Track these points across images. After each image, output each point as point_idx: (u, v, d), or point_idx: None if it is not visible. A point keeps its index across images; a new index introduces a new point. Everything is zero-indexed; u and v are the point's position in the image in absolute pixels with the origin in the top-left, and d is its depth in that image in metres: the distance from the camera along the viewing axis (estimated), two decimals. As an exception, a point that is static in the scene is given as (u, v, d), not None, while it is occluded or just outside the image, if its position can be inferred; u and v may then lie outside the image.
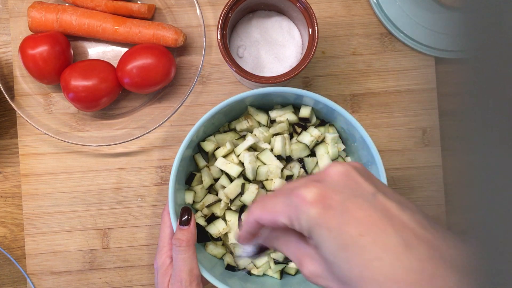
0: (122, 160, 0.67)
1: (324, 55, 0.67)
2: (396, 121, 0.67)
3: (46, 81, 0.64)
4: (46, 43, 0.61)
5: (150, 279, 0.67)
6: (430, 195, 0.67)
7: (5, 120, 0.68)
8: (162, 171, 0.67)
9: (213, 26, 0.67)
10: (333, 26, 0.67)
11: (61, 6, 0.64)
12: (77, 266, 0.66)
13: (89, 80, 0.62)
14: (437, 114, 0.67)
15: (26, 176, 0.66)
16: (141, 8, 0.65)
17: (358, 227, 0.34)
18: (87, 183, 0.67)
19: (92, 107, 0.63)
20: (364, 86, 0.67)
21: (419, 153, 0.67)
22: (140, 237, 0.67)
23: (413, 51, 0.67)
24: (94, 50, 0.67)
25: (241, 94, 0.55)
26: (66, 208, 0.67)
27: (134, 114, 0.66)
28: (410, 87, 0.67)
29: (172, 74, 0.64)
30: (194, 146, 0.58)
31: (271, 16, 0.62)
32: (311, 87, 0.67)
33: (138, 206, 0.67)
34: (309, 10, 0.57)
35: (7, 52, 0.67)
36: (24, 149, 0.67)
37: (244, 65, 0.61)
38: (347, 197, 0.35)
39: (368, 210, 0.34)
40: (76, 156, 0.67)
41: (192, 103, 0.67)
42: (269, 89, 0.55)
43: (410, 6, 0.66)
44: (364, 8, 0.67)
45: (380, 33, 0.67)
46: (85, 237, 0.67)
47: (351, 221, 0.34)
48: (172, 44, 0.64)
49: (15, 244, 0.67)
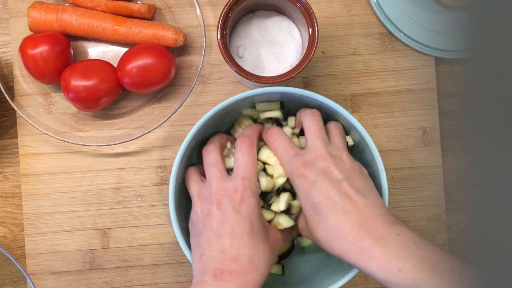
0: (122, 160, 0.67)
1: (324, 55, 0.67)
2: (396, 121, 0.67)
3: (46, 81, 0.64)
4: (46, 43, 0.61)
5: (150, 279, 0.67)
6: (430, 195, 0.67)
7: (5, 120, 0.68)
8: (162, 171, 0.67)
9: (213, 26, 0.67)
10: (333, 26, 0.67)
11: (61, 6, 0.64)
12: (77, 266, 0.66)
13: (89, 80, 0.62)
14: (437, 114, 0.67)
15: (26, 176, 0.66)
16: (141, 8, 0.65)
17: (319, 197, 0.50)
18: (87, 183, 0.67)
19: (92, 107, 0.63)
20: (364, 86, 0.67)
21: (419, 153, 0.67)
22: (140, 237, 0.67)
23: (413, 51, 0.67)
24: (94, 50, 0.67)
25: (241, 94, 0.55)
26: (66, 208, 0.67)
27: (134, 114, 0.66)
28: (410, 87, 0.67)
29: (172, 74, 0.64)
30: (194, 146, 0.58)
31: (271, 16, 0.62)
32: (311, 87, 0.67)
33: (138, 206, 0.67)
34: (309, 10, 0.57)
35: (7, 52, 0.67)
36: (24, 149, 0.67)
37: (244, 65, 0.61)
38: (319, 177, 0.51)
39: (330, 188, 0.50)
40: (76, 156, 0.67)
41: (192, 103, 0.67)
42: (269, 89, 0.55)
43: (410, 6, 0.66)
44: (364, 8, 0.67)
45: (380, 33, 0.67)
46: (85, 237, 0.67)
47: (316, 192, 0.50)
48: (172, 44, 0.64)
49: (15, 244, 0.67)
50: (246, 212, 0.51)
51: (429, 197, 0.67)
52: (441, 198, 0.67)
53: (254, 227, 0.50)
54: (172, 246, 0.67)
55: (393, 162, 0.67)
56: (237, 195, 0.51)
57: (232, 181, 0.52)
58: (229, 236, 0.50)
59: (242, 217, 0.50)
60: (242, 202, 0.51)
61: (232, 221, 0.50)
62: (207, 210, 0.51)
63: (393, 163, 0.67)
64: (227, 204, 0.51)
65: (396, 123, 0.67)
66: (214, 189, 0.52)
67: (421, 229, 0.67)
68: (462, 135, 0.26)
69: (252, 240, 0.50)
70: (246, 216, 0.50)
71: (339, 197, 0.50)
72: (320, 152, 0.52)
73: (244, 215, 0.50)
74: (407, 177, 0.67)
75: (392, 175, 0.67)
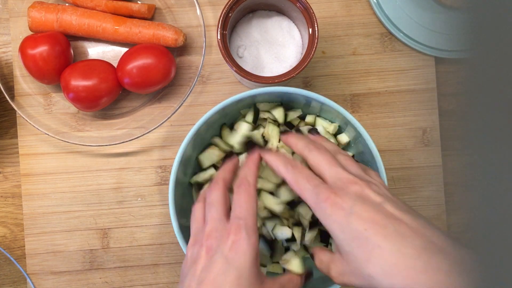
0: (122, 160, 0.67)
1: (324, 55, 0.67)
2: (396, 121, 0.67)
3: (46, 81, 0.64)
4: (46, 43, 0.61)
5: (150, 279, 0.67)
6: (430, 195, 0.67)
7: (5, 120, 0.68)
8: (162, 171, 0.67)
9: (213, 26, 0.67)
10: (333, 26, 0.67)
11: (61, 6, 0.64)
12: (77, 266, 0.66)
13: (89, 80, 0.62)
14: (437, 114, 0.67)
15: (26, 176, 0.66)
16: (141, 8, 0.65)
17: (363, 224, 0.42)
18: (87, 183, 0.67)
19: (92, 107, 0.63)
20: (364, 86, 0.67)
21: (419, 153, 0.67)
22: (140, 237, 0.67)
23: (413, 51, 0.67)
24: (94, 50, 0.67)
25: (241, 94, 0.55)
26: (66, 208, 0.67)
27: (134, 114, 0.66)
28: (410, 87, 0.67)
29: (172, 74, 0.64)
30: (194, 145, 0.58)
31: (271, 16, 0.62)
32: (311, 87, 0.67)
33: (138, 206, 0.67)
34: (309, 10, 0.57)
35: (7, 52, 0.67)
36: (24, 149, 0.67)
37: (244, 65, 0.61)
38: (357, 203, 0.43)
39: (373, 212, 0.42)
40: (76, 156, 0.67)
41: (192, 103, 0.67)
42: (269, 89, 0.55)
43: (410, 6, 0.66)
44: (364, 8, 0.67)
45: (380, 33, 0.67)
46: (85, 237, 0.67)
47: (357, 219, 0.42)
48: (172, 44, 0.64)
49: (15, 244, 0.67)
50: (236, 258, 0.44)
51: (429, 197, 0.67)
52: (441, 198, 0.67)
53: (241, 277, 0.43)
54: (172, 246, 0.67)
55: (393, 162, 0.67)
56: (229, 239, 0.45)
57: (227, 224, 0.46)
58: (210, 285, 0.43)
59: (229, 265, 0.44)
60: (232, 246, 0.44)
61: (217, 267, 0.44)
62: (196, 254, 0.47)
63: (393, 163, 0.67)
64: (217, 248, 0.45)
65: (396, 123, 0.67)
66: (207, 231, 0.47)
67: (421, 229, 0.67)
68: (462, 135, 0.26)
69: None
70: (234, 264, 0.44)
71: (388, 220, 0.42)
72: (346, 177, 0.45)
73: (231, 262, 0.44)
74: (407, 177, 0.67)
75: (392, 175, 0.67)
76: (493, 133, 0.24)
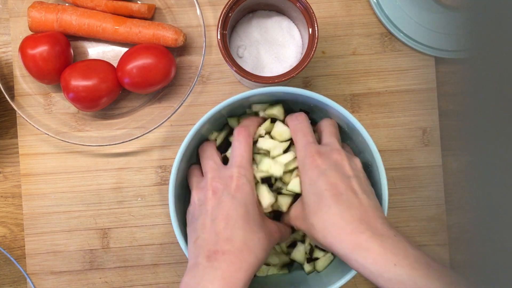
0: (122, 160, 0.67)
1: (324, 55, 0.67)
2: (396, 121, 0.67)
3: (46, 81, 0.64)
4: (46, 43, 0.61)
5: (150, 279, 0.67)
6: (430, 195, 0.67)
7: (5, 120, 0.68)
8: (162, 171, 0.67)
9: (213, 26, 0.67)
10: (333, 26, 0.67)
11: (61, 6, 0.64)
12: (77, 266, 0.66)
13: (89, 80, 0.62)
14: (437, 114, 0.67)
15: (26, 176, 0.66)
16: (141, 8, 0.65)
17: (326, 185, 0.50)
18: (87, 183, 0.67)
19: (92, 107, 0.63)
20: (364, 86, 0.67)
21: (419, 153, 0.67)
22: (140, 237, 0.67)
23: (413, 51, 0.67)
24: (94, 50, 0.67)
25: (241, 94, 0.55)
26: (66, 208, 0.67)
27: (134, 114, 0.66)
28: (410, 87, 0.67)
29: (172, 74, 0.64)
30: (194, 145, 0.58)
31: (271, 16, 0.62)
32: (311, 87, 0.67)
33: (138, 206, 0.67)
34: (309, 10, 0.57)
35: (7, 52, 0.67)
36: (24, 149, 0.67)
37: (244, 65, 0.61)
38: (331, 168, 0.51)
39: (339, 180, 0.50)
40: (76, 156, 0.67)
41: (192, 103, 0.67)
42: (269, 89, 0.55)
43: (410, 6, 0.66)
44: (364, 8, 0.67)
45: (380, 33, 0.67)
46: (85, 237, 0.67)
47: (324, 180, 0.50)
48: (172, 44, 0.64)
49: (15, 244, 0.67)
50: (241, 197, 0.51)
51: (429, 197, 0.67)
52: (441, 198, 0.67)
53: (249, 212, 0.51)
54: (172, 246, 0.67)
55: (393, 162, 0.67)
56: (232, 182, 0.52)
57: (228, 170, 0.53)
58: (223, 219, 0.50)
59: (237, 202, 0.51)
60: (237, 188, 0.51)
61: (227, 205, 0.51)
62: (203, 197, 0.53)
63: (393, 163, 0.67)
64: (223, 190, 0.51)
65: (396, 123, 0.67)
66: (209, 178, 0.53)
67: (421, 229, 0.67)
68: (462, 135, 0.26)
69: (247, 224, 0.50)
70: (241, 201, 0.51)
71: (345, 190, 0.50)
72: (336, 147, 0.53)
73: (239, 200, 0.51)
74: (407, 177, 0.67)
75: (392, 175, 0.67)
76: (493, 133, 0.24)
